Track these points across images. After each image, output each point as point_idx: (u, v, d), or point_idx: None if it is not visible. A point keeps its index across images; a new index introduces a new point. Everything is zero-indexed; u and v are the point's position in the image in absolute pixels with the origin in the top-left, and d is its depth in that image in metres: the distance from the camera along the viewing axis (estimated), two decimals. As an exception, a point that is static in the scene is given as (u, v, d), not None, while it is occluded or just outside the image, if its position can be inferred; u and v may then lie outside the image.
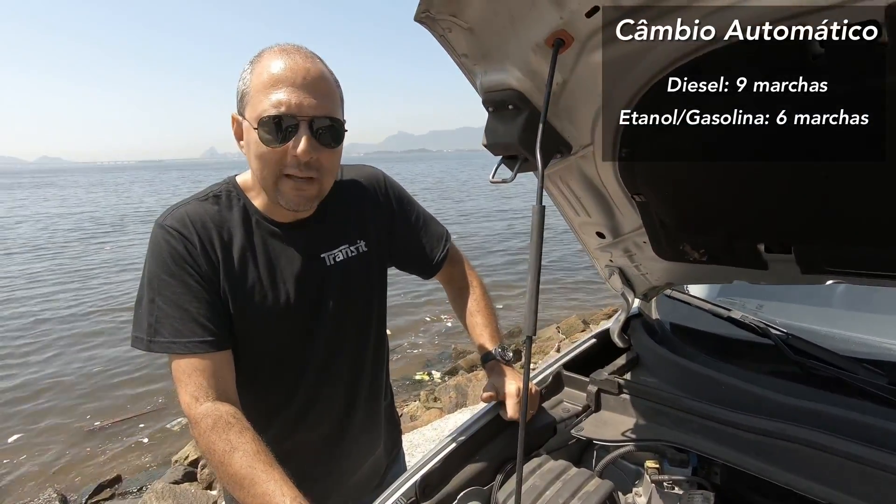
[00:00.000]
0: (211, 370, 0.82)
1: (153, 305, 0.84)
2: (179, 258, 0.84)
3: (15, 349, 6.75)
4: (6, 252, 13.90)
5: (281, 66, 0.80)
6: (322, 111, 0.81)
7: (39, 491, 4.09)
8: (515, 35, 0.67)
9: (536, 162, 0.76)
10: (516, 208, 19.47)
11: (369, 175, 1.08)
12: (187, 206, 0.89)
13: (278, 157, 0.82)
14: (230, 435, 0.76)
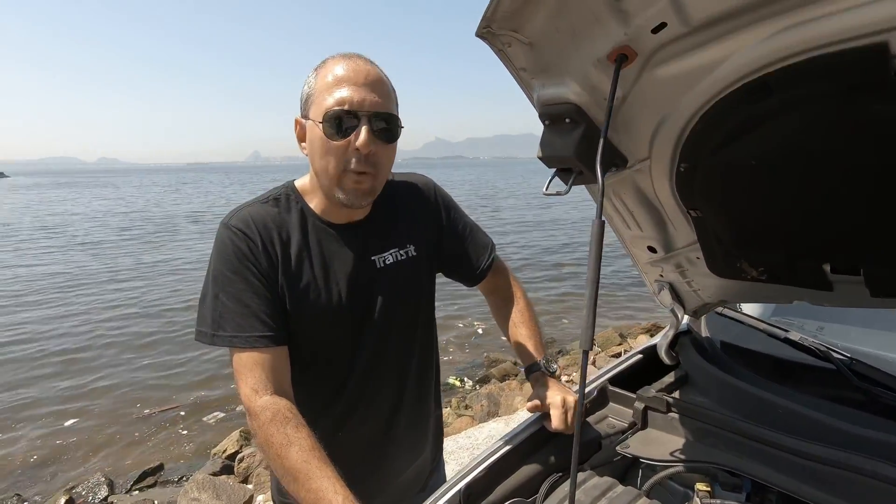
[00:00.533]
0: (270, 364, 0.86)
1: (217, 301, 0.88)
2: (242, 256, 0.89)
3: (73, 340, 7.18)
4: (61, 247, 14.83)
5: (343, 69, 0.86)
6: (381, 108, 0.86)
7: (89, 474, 4.32)
8: (576, 50, 0.68)
9: (595, 176, 0.77)
10: (557, 218, 19.23)
11: (420, 182, 1.12)
12: (250, 208, 0.94)
13: (340, 150, 0.86)
14: (287, 429, 0.80)
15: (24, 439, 4.78)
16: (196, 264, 11.94)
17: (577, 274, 10.39)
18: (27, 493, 4.17)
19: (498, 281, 1.19)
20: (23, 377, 5.92)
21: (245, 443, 4.67)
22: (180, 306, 8.44)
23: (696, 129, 0.69)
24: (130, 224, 20.76)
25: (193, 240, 16.05)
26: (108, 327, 7.60)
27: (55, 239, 16.72)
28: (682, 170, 0.76)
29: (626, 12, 0.59)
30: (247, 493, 3.40)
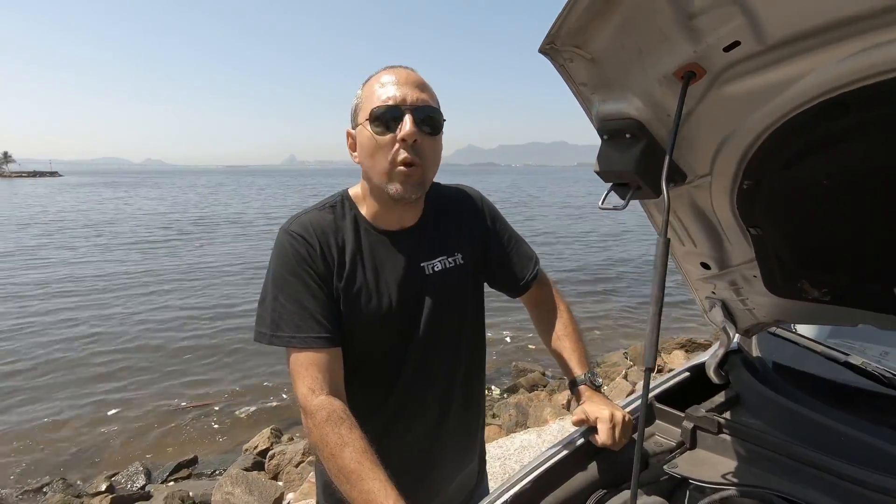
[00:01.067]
0: (326, 365, 0.89)
1: (276, 303, 0.92)
2: (301, 260, 0.92)
3: (118, 336, 7.51)
4: (106, 245, 15.54)
5: (387, 75, 0.92)
6: (422, 102, 0.91)
7: (128, 463, 4.49)
8: (641, 66, 0.68)
9: (654, 192, 0.76)
10: (591, 230, 18.96)
11: (468, 192, 1.15)
12: (308, 215, 0.98)
13: (388, 145, 0.90)
14: (342, 429, 0.82)
15: (71, 427, 5.02)
16: (236, 265, 12.32)
17: (610, 286, 10.20)
18: (71, 477, 4.37)
19: (541, 293, 1.19)
20: (71, 368, 6.23)
21: (275, 440, 4.77)
22: (221, 305, 8.72)
23: (764, 147, 0.68)
24: (173, 224, 21.62)
25: (234, 240, 16.61)
26: (152, 324, 7.92)
27: (101, 238, 17.56)
28: (745, 187, 0.75)
29: (698, 30, 0.58)
30: (277, 490, 3.47)
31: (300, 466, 4.15)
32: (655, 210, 0.93)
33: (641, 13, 0.61)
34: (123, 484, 4.26)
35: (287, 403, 5.49)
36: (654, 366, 0.60)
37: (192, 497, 3.77)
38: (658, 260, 0.62)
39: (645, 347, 0.59)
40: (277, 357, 6.38)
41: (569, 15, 0.66)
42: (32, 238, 17.07)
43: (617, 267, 12.03)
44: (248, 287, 9.96)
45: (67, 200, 37.90)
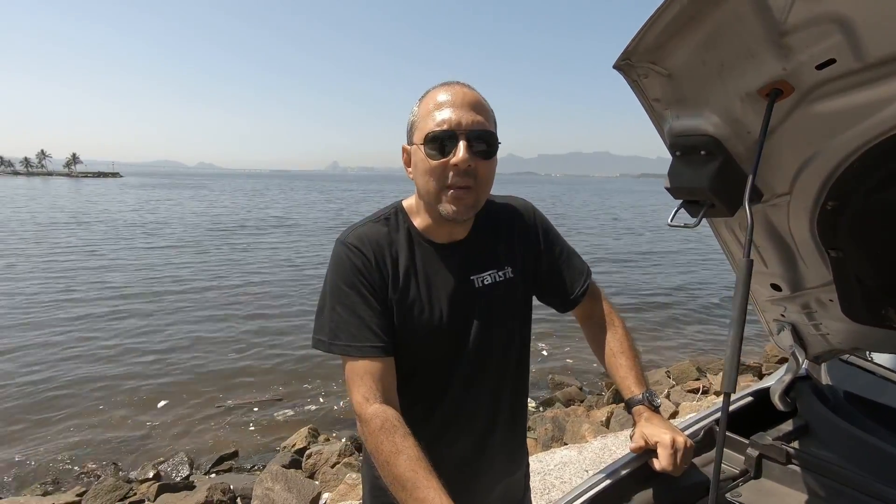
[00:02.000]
0: (380, 374, 0.90)
1: (334, 312, 0.94)
2: (357, 271, 0.94)
3: (169, 334, 7.89)
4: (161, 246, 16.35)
5: (443, 94, 0.92)
6: (478, 126, 0.90)
7: (174, 453, 4.69)
8: (722, 83, 0.66)
9: (728, 210, 0.74)
10: (635, 247, 18.47)
11: (519, 205, 1.14)
12: (364, 227, 1.01)
13: (441, 169, 0.90)
14: (396, 438, 0.83)
15: (123, 415, 5.31)
16: (283, 269, 12.72)
17: (652, 302, 9.89)
18: (122, 462, 4.61)
19: (593, 307, 1.17)
20: (126, 362, 6.58)
21: (312, 440, 4.88)
22: (269, 310, 8.99)
23: (854, 167, 0.65)
24: (224, 225, 22.56)
25: (281, 242, 17.17)
26: (202, 322, 8.29)
27: (156, 238, 18.50)
28: (828, 208, 0.72)
29: (790, 47, 0.57)
30: (315, 489, 3.53)
31: (336, 467, 4.22)
32: (725, 229, 0.90)
33: (727, 30, 0.60)
34: (169, 472, 4.45)
35: (324, 405, 5.61)
36: (735, 390, 0.58)
37: (232, 490, 3.89)
38: (740, 281, 0.60)
39: (725, 371, 0.58)
40: (319, 361, 6.56)
41: (648, 31, 0.65)
42: (95, 234, 18.22)
43: (660, 283, 11.67)
44: (295, 290, 10.28)
45: (127, 200, 40.26)
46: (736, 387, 0.58)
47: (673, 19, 0.62)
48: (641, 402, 1.01)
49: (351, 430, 5.10)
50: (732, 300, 0.60)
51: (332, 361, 6.52)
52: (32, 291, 9.76)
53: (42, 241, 16.44)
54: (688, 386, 5.65)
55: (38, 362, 6.42)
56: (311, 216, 28.24)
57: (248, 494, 3.79)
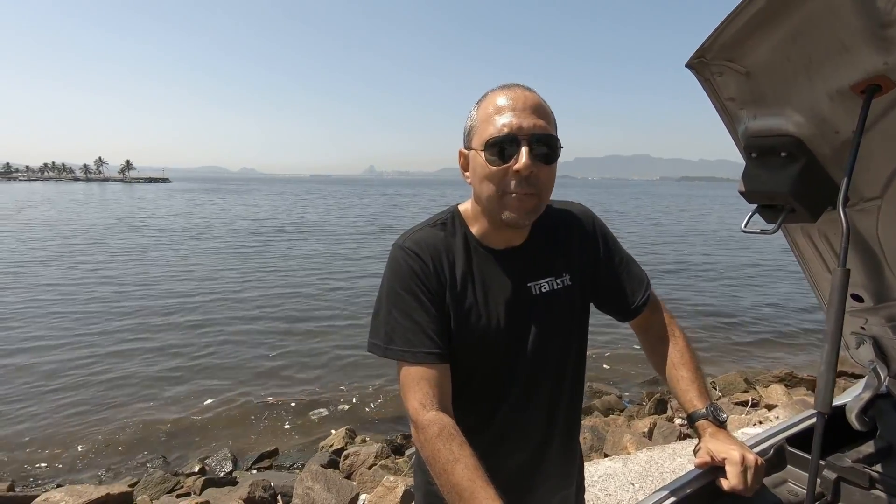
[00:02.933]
0: (436, 380, 0.89)
1: (390, 316, 0.93)
2: (414, 276, 0.93)
3: (214, 337, 8.19)
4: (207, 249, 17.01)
5: (503, 98, 0.89)
6: (540, 130, 0.87)
7: (217, 449, 4.85)
8: (809, 79, 0.62)
9: (811, 215, 0.70)
10: (680, 254, 17.89)
11: (578, 211, 1.10)
12: (421, 232, 1.00)
13: (502, 174, 0.88)
14: (453, 446, 0.81)
15: (173, 411, 5.53)
16: (319, 271, 13.02)
17: (697, 311, 9.53)
18: (170, 456, 4.80)
19: (653, 318, 1.11)
20: (175, 362, 6.87)
21: (349, 441, 4.94)
22: (307, 312, 9.21)
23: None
24: (266, 228, 23.30)
25: (319, 245, 17.59)
26: (244, 322, 8.58)
27: (201, 241, 19.28)
28: None
29: (892, 40, 0.53)
30: (353, 490, 3.57)
31: (372, 469, 4.25)
32: (802, 236, 0.85)
33: (818, 24, 0.56)
34: (213, 467, 4.59)
35: (360, 407, 5.68)
36: (830, 410, 0.54)
37: (273, 487, 3.98)
38: (835, 291, 0.55)
39: (819, 389, 0.53)
40: (354, 361, 6.65)
41: (727, 27, 0.62)
42: (146, 237, 19.19)
43: (706, 290, 11.23)
44: (333, 293, 10.48)
45: (174, 205, 42.18)
46: (831, 406, 0.54)
47: (756, 14, 0.59)
48: (706, 417, 0.95)
49: (385, 433, 5.13)
50: (826, 313, 0.55)
51: (367, 362, 6.63)
52: (88, 290, 10.37)
53: (96, 243, 17.44)
54: (735, 398, 5.39)
55: (92, 358, 6.80)
56: (347, 220, 28.76)
57: (287, 492, 3.86)
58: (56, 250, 15.37)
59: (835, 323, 0.54)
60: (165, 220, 27.44)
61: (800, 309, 9.54)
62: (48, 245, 16.51)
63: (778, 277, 12.84)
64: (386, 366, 6.62)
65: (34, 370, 6.33)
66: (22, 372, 6.28)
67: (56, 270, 12.22)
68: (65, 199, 48.27)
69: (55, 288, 10.50)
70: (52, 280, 11.21)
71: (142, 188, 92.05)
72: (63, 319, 8.38)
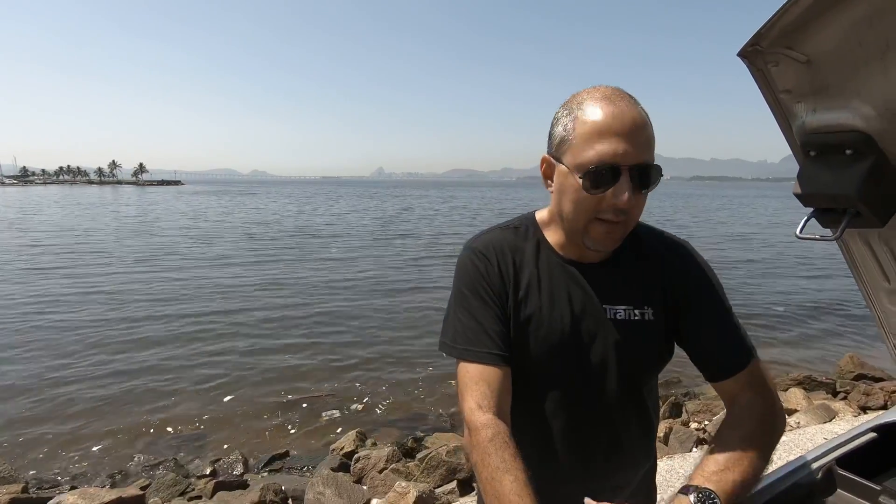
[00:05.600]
0: (495, 382, 0.85)
1: (456, 316, 0.92)
2: (479, 276, 0.92)
3: (237, 333, 8.22)
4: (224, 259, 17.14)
5: (606, 114, 0.79)
6: (643, 159, 0.79)
7: (229, 451, 4.84)
8: (883, 67, 0.55)
9: (880, 220, 0.62)
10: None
11: (682, 246, 0.98)
12: (491, 234, 0.98)
13: (595, 202, 0.82)
14: (506, 454, 0.77)
15: (183, 412, 5.54)
16: (331, 274, 13.03)
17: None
18: (181, 457, 4.80)
19: (744, 393, 0.90)
20: (185, 362, 6.89)
21: (360, 444, 4.90)
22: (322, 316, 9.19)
23: None
24: (279, 230, 23.42)
25: (331, 247, 17.65)
26: (255, 324, 8.60)
27: (217, 244, 19.44)
28: None
29: None
30: (364, 495, 3.53)
31: (383, 473, 4.20)
32: (859, 243, 0.77)
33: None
34: (225, 469, 4.58)
35: (371, 409, 5.64)
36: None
37: (284, 490, 3.95)
38: None
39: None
40: (363, 363, 6.63)
41: (788, 10, 0.55)
42: (161, 239, 19.39)
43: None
44: (348, 297, 10.48)
45: (182, 208, 42.63)
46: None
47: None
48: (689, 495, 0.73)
49: (397, 436, 5.09)
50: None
51: (380, 363, 6.60)
52: (106, 290, 10.47)
53: (105, 248, 17.65)
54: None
55: (102, 360, 6.84)
56: (362, 222, 28.84)
57: (299, 496, 3.83)
58: (56, 257, 15.56)
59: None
60: (179, 221, 27.71)
61: (816, 308, 9.38)
62: (51, 249, 16.74)
63: (795, 274, 12.62)
64: (397, 367, 6.59)
65: (44, 374, 6.38)
66: (32, 375, 6.33)
67: (58, 274, 12.34)
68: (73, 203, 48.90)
69: (68, 287, 10.63)
70: (58, 283, 11.33)
71: (155, 190, 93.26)
72: (70, 322, 8.45)
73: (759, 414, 0.86)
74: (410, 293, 10.59)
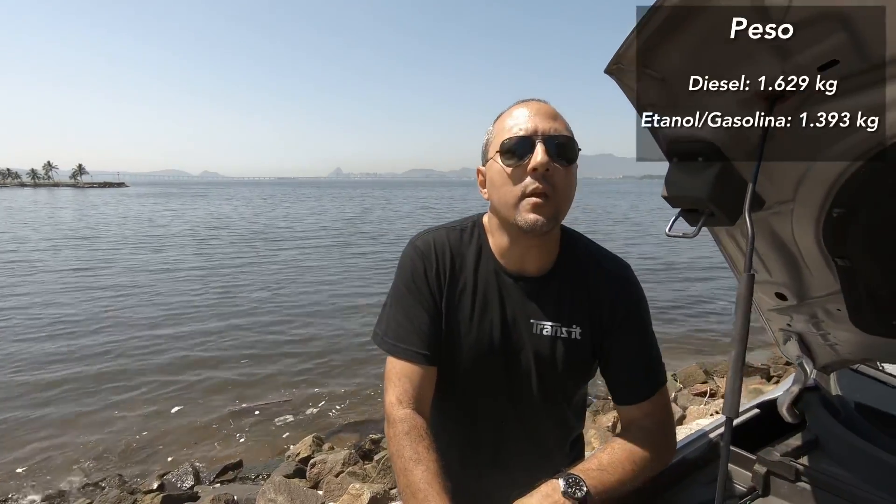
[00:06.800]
0: (417, 380, 0.90)
1: (391, 310, 0.96)
2: (417, 275, 0.95)
3: (188, 333, 7.89)
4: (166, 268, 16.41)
5: (519, 108, 0.90)
6: (555, 131, 0.87)
7: (178, 463, 4.67)
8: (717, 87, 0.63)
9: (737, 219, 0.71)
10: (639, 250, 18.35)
11: (616, 269, 0.99)
12: (436, 233, 1.00)
13: (518, 175, 0.87)
14: (419, 446, 0.82)
15: (136, 421, 5.29)
16: (289, 278, 12.73)
17: (661, 305, 9.81)
18: (127, 472, 4.58)
19: (644, 419, 0.94)
20: (130, 372, 6.58)
21: (317, 448, 4.84)
22: (278, 318, 8.97)
23: (861, 173, 0.61)
24: (233, 233, 22.62)
25: (289, 250, 17.23)
26: (209, 333, 8.29)
27: (164, 248, 18.59)
28: (834, 215, 0.68)
29: (788, 49, 0.54)
30: (318, 499, 3.50)
31: (340, 476, 4.18)
32: (727, 238, 0.87)
33: (722, 31, 0.57)
34: (174, 483, 4.42)
35: (329, 413, 5.58)
36: (737, 415, 0.54)
37: (236, 500, 3.86)
38: (741, 296, 0.56)
39: (726, 393, 0.54)
40: (324, 371, 6.55)
41: (639, 34, 0.62)
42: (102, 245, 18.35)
43: (668, 284, 11.57)
44: (301, 300, 10.27)
45: (130, 209, 40.50)
46: (738, 410, 0.54)
47: (664, 22, 0.59)
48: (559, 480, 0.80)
49: (354, 439, 5.06)
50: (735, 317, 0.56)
51: (334, 367, 6.53)
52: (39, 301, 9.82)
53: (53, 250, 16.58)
54: (695, 389, 5.57)
55: (36, 370, 6.43)
56: (321, 224, 28.27)
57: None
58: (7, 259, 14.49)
59: (741, 329, 0.55)
60: (125, 227, 26.31)
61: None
62: None
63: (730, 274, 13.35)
64: (353, 370, 6.54)
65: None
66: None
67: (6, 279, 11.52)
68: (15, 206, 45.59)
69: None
70: None
71: (95, 192, 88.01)
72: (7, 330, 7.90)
73: (652, 444, 0.89)
74: (366, 297, 10.51)
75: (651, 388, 0.94)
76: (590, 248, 1.00)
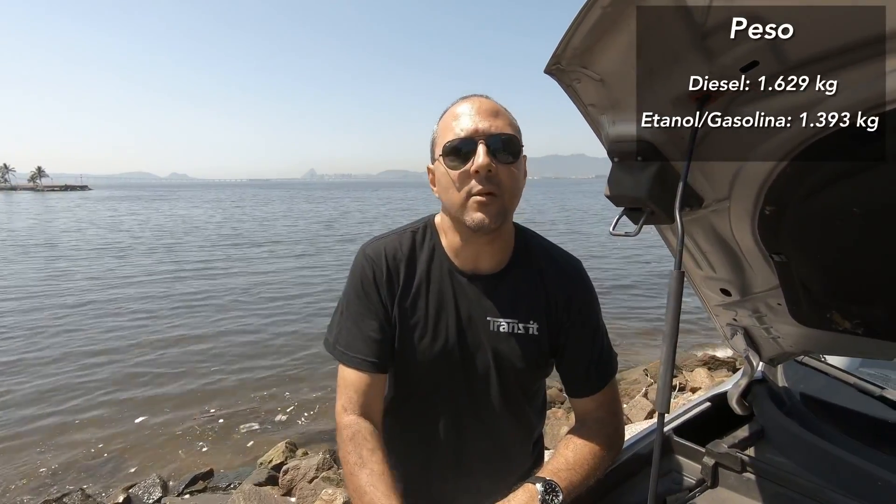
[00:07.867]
0: (364, 388, 0.91)
1: (341, 317, 0.96)
2: (367, 282, 0.95)
3: (153, 346, 7.64)
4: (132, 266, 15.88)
5: (461, 106, 0.90)
6: (496, 130, 0.87)
7: (146, 473, 4.52)
8: (651, 87, 0.64)
9: (668, 217, 0.72)
10: (603, 244, 18.68)
11: (572, 268, 1.01)
12: (387, 238, 0.99)
13: (463, 177, 0.87)
14: (363, 451, 0.84)
15: (99, 432, 5.09)
16: (258, 284, 12.48)
17: (632, 299, 10.01)
18: (92, 488, 4.41)
19: (597, 411, 0.97)
20: (93, 381, 6.33)
21: (290, 454, 4.75)
22: (247, 325, 8.77)
23: (787, 171, 0.63)
24: (198, 237, 22.05)
25: (260, 256, 16.88)
26: (175, 338, 8.06)
27: (127, 252, 17.99)
28: (766, 213, 0.70)
29: (712, 50, 0.55)
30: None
31: (314, 482, 4.12)
32: (671, 234, 0.88)
33: (652, 33, 0.58)
34: (140, 496, 4.27)
35: (302, 419, 5.49)
36: (668, 410, 0.55)
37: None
38: (671, 294, 0.57)
39: (658, 389, 0.55)
40: (295, 375, 6.44)
41: (574, 35, 0.63)
42: (64, 248, 17.64)
43: (639, 279, 11.81)
44: (269, 305, 10.08)
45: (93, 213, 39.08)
46: (669, 406, 0.55)
47: (597, 22, 0.59)
48: (535, 485, 0.81)
49: (328, 443, 4.99)
50: (665, 314, 0.57)
51: (306, 372, 6.43)
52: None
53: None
54: (665, 383, 5.70)
55: None
56: (295, 227, 27.80)
57: (220, 515, 3.67)
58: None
59: (671, 325, 0.56)
60: (86, 232, 25.33)
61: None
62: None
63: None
64: (323, 375, 6.45)
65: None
66: None
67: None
68: (-35, 211, 43.36)
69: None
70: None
71: (56, 196, 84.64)
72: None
73: (605, 434, 0.93)
74: (334, 301, 10.38)
75: (604, 380, 0.97)
76: (543, 244, 1.02)
